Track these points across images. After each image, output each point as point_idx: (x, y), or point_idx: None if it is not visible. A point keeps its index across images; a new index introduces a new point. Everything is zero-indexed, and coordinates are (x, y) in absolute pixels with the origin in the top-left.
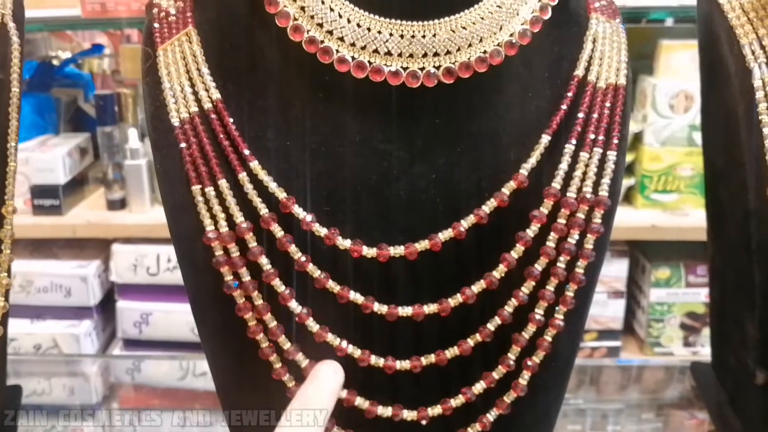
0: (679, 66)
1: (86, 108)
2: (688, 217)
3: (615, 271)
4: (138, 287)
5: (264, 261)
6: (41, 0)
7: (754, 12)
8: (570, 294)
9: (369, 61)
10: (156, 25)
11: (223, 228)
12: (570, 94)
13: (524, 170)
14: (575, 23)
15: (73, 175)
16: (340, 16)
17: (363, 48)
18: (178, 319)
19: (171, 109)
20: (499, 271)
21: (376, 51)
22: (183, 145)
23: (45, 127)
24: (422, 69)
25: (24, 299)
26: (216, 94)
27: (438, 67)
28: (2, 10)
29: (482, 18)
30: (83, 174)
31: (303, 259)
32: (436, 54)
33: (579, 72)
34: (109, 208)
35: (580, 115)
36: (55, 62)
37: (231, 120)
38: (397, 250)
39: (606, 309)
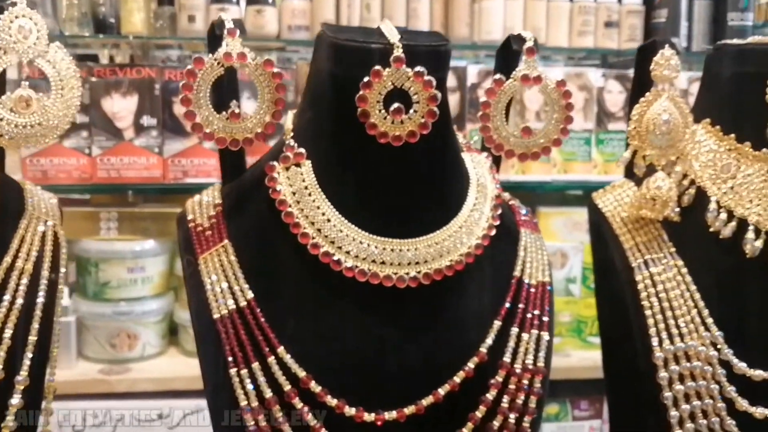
0: (555, 229)
1: None
2: (570, 358)
3: None
4: None
5: (287, 428)
6: None
7: (631, 224)
8: None
9: (369, 269)
10: (194, 237)
11: (254, 402)
12: (512, 291)
13: (483, 348)
14: (510, 236)
15: None
16: (347, 236)
17: (364, 259)
18: None
19: (213, 307)
20: (467, 428)
21: (374, 261)
22: (223, 335)
23: None
24: (407, 274)
25: None
26: (249, 294)
27: (419, 272)
28: (54, 220)
29: (449, 236)
30: None
31: (318, 425)
32: (417, 263)
33: (516, 272)
34: None
35: (521, 305)
36: None
37: (261, 314)
38: (391, 415)
39: None
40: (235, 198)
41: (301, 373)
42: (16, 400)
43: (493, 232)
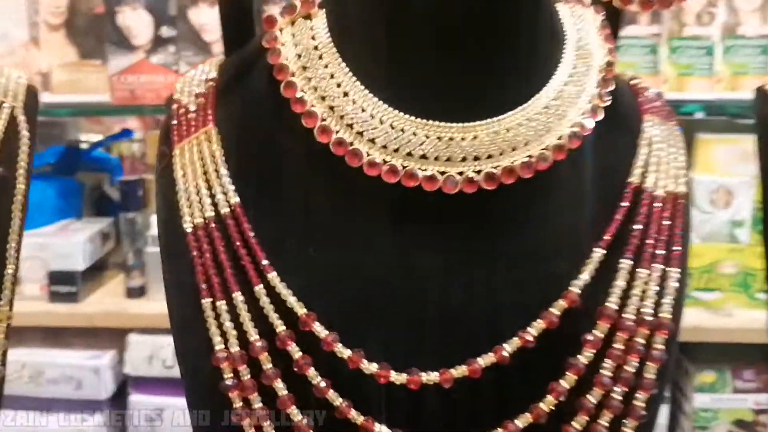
0: (719, 160)
1: (111, 192)
2: (733, 317)
3: None
4: (152, 380)
5: (279, 385)
6: (71, 85)
7: None
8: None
9: (402, 165)
10: (174, 122)
11: (234, 347)
12: (625, 204)
13: (575, 287)
14: (628, 126)
15: (93, 262)
16: (372, 117)
17: (396, 151)
18: None
19: (184, 213)
20: (547, 403)
21: (410, 154)
22: (194, 253)
23: (68, 212)
24: (461, 174)
25: (33, 391)
26: (234, 198)
27: (479, 172)
28: (13, 102)
29: (528, 120)
30: (103, 260)
31: (323, 384)
32: (476, 158)
33: (634, 179)
34: (128, 296)
35: (637, 226)
36: (85, 146)
37: (248, 226)
38: (431, 377)
39: None
40: (233, 71)
41: (300, 310)
42: None
43: (600, 116)
